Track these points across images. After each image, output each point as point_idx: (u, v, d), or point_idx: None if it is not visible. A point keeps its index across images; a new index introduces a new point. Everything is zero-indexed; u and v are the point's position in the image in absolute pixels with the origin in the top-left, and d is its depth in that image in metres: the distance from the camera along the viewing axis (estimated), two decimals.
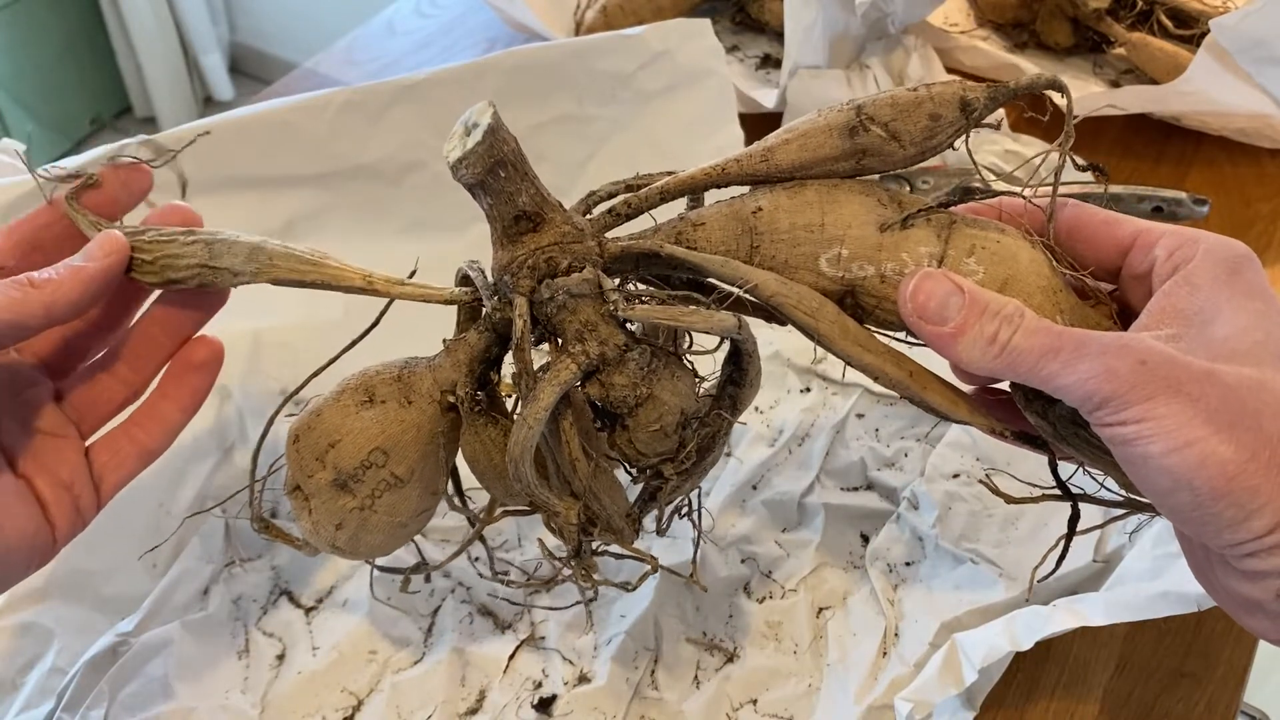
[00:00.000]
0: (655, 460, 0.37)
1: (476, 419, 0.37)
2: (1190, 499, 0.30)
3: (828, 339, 0.35)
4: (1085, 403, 0.31)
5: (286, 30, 2.23)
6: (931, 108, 0.35)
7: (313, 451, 0.37)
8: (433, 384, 0.37)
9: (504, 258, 0.36)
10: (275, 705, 0.47)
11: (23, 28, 1.97)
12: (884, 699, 0.46)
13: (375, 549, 0.39)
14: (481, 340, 0.37)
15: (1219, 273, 0.33)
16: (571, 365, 0.34)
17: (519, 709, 0.47)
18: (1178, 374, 0.31)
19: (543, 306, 0.35)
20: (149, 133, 0.57)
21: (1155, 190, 0.67)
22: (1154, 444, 0.30)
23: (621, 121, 0.66)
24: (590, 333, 0.34)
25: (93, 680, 0.46)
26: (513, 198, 0.35)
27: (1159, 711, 0.47)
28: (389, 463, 0.37)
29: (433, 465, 0.38)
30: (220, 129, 0.57)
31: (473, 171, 0.34)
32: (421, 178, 0.63)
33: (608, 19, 0.80)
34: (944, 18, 0.86)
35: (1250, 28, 0.66)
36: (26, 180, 0.53)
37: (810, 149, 0.36)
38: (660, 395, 0.35)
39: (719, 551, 0.52)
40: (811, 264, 0.35)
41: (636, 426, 0.35)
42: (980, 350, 0.33)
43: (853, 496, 0.55)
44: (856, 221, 0.36)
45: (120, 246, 0.38)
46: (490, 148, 0.34)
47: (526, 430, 0.34)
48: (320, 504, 0.37)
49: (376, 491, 0.37)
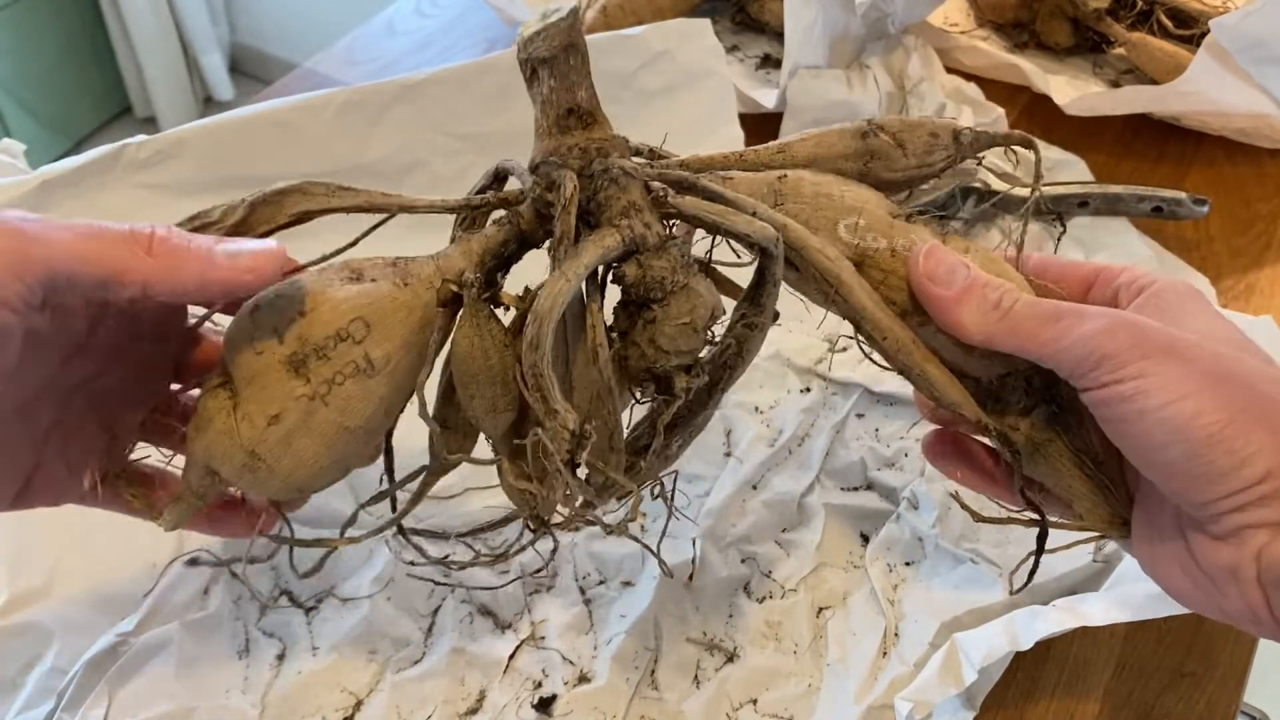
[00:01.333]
0: (673, 364, 0.35)
1: (481, 308, 0.35)
2: (1184, 450, 0.31)
3: (847, 288, 0.35)
4: (1083, 363, 0.33)
5: (286, 30, 2.23)
6: (931, 128, 0.39)
7: (273, 320, 0.33)
8: (435, 271, 0.35)
9: (551, 145, 0.35)
10: (275, 705, 0.47)
11: (23, 28, 1.97)
12: (884, 699, 0.46)
13: (301, 464, 0.34)
14: (499, 234, 0.36)
15: (1180, 293, 0.36)
16: (616, 235, 0.34)
17: (519, 709, 0.47)
18: (1171, 340, 0.33)
19: (591, 181, 0.34)
20: (149, 133, 0.57)
21: (1155, 190, 0.67)
22: (1151, 398, 0.32)
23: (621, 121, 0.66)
24: (636, 213, 0.34)
25: (93, 680, 0.46)
26: (574, 88, 0.35)
27: (1159, 711, 0.47)
28: (368, 339, 0.33)
29: (408, 365, 0.35)
30: (220, 129, 0.57)
31: (549, 45, 0.34)
32: (421, 178, 0.63)
33: (608, 19, 0.80)
34: (944, 18, 0.86)
35: (1250, 28, 0.66)
36: (27, 180, 0.53)
37: (825, 145, 0.39)
38: (695, 287, 0.35)
39: (719, 551, 0.52)
40: (830, 228, 0.37)
41: (665, 318, 0.34)
42: (984, 314, 0.35)
43: (853, 496, 0.55)
44: (871, 202, 0.37)
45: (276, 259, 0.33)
46: (572, 26, 0.34)
47: (563, 283, 0.32)
48: (257, 390, 0.33)
49: (339, 376, 0.33)
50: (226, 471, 0.34)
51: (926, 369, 0.36)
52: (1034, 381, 0.37)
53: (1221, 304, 0.65)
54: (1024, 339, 0.34)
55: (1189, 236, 0.70)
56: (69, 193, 0.54)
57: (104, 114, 2.21)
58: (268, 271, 0.33)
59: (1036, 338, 0.34)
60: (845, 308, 0.36)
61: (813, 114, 0.72)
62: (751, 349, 0.38)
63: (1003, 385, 0.37)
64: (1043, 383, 0.37)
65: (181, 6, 2.10)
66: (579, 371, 0.35)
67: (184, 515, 0.36)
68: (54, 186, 0.54)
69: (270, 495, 0.35)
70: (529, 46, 0.34)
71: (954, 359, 0.37)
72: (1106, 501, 0.37)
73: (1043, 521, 0.38)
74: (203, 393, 0.34)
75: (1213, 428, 0.31)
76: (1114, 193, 0.68)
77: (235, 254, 0.32)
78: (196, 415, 0.34)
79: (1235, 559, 0.32)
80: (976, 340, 0.35)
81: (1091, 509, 0.37)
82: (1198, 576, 0.34)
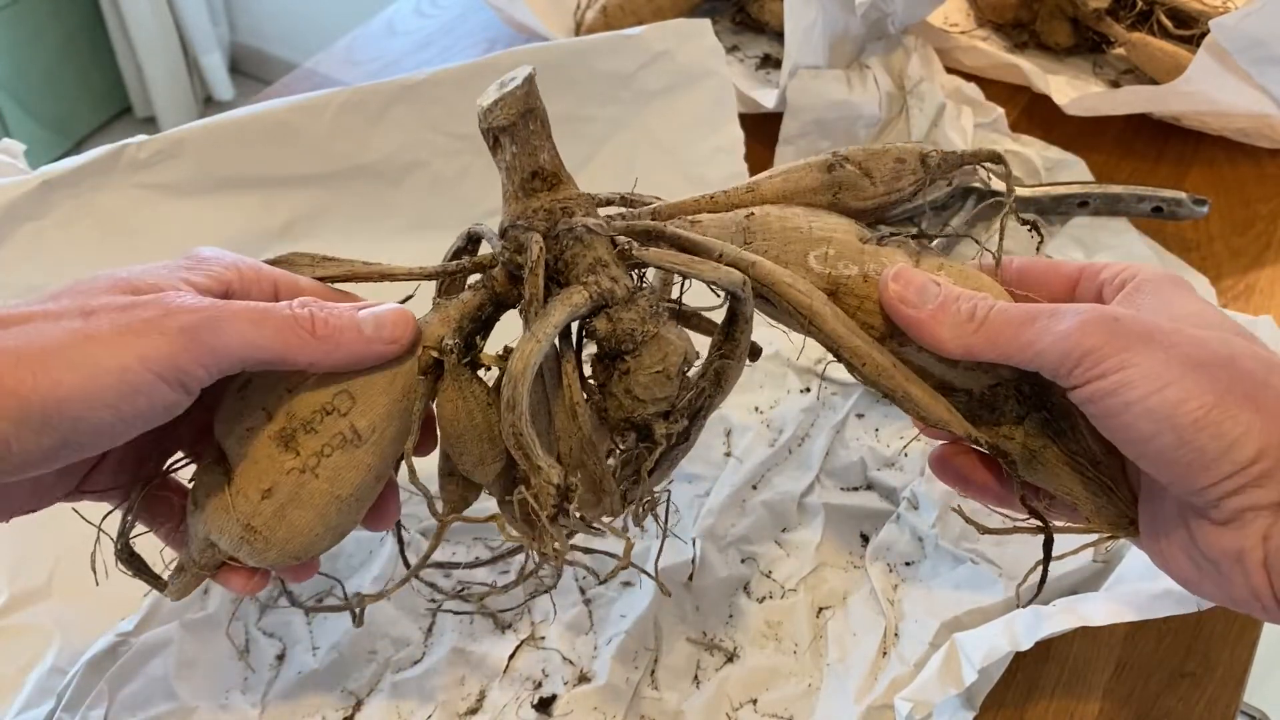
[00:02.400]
0: (651, 412, 0.36)
1: (463, 372, 0.36)
2: (1173, 438, 0.31)
3: (820, 317, 0.36)
4: (1063, 362, 0.33)
5: (286, 30, 2.23)
6: (897, 154, 0.39)
7: (264, 397, 0.34)
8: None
9: (518, 209, 0.36)
10: (275, 705, 0.47)
11: (23, 28, 1.96)
12: (884, 699, 0.46)
13: (296, 534, 0.35)
14: (475, 298, 0.37)
15: (1164, 283, 0.36)
16: (584, 292, 0.34)
17: (519, 709, 0.47)
18: (1149, 329, 0.33)
19: (556, 242, 0.35)
20: (149, 133, 0.57)
21: (1155, 190, 0.67)
22: (1134, 389, 0.32)
23: (621, 121, 0.66)
24: (602, 269, 0.35)
25: (93, 680, 0.46)
26: (536, 152, 0.36)
27: (1159, 711, 0.47)
28: (352, 410, 0.34)
29: (394, 431, 0.36)
30: (220, 129, 0.57)
31: (506, 113, 0.35)
32: (421, 178, 0.63)
33: (608, 19, 0.80)
34: (944, 18, 0.86)
35: (1250, 28, 0.66)
36: (27, 180, 0.53)
37: (792, 181, 0.39)
38: (666, 335, 0.35)
39: (719, 551, 0.52)
40: (801, 260, 0.37)
41: (639, 368, 0.35)
42: (960, 327, 0.35)
43: (853, 496, 0.55)
44: (840, 230, 0.38)
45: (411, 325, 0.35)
46: (528, 94, 0.35)
47: (534, 344, 0.33)
48: (249, 466, 0.34)
49: (327, 449, 0.34)
50: (224, 544, 0.35)
51: (909, 390, 0.36)
52: (1024, 389, 0.38)
53: (1221, 304, 0.65)
54: (1002, 346, 0.34)
55: (1189, 236, 0.70)
56: (69, 193, 0.54)
57: (104, 114, 2.21)
58: (406, 341, 0.35)
59: (1014, 343, 0.34)
60: (821, 337, 0.36)
61: (813, 114, 0.72)
62: (730, 379, 0.38)
63: (994, 395, 0.38)
64: (1033, 390, 0.38)
65: (181, 6, 2.10)
66: (560, 424, 0.36)
67: (189, 586, 0.38)
68: (54, 186, 0.54)
69: (268, 564, 0.36)
70: (489, 116, 0.35)
71: (941, 374, 0.37)
72: (1111, 502, 0.37)
73: (1047, 529, 0.38)
74: (198, 471, 0.36)
75: (1198, 412, 0.31)
76: (1114, 193, 0.68)
77: (379, 326, 0.34)
78: (193, 492, 0.36)
79: (1239, 544, 0.32)
80: (957, 354, 0.35)
81: (1096, 511, 0.37)
82: (1203, 564, 0.34)
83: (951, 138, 0.72)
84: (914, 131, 0.74)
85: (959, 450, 0.40)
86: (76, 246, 0.55)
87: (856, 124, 0.73)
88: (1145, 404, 0.32)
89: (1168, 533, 0.35)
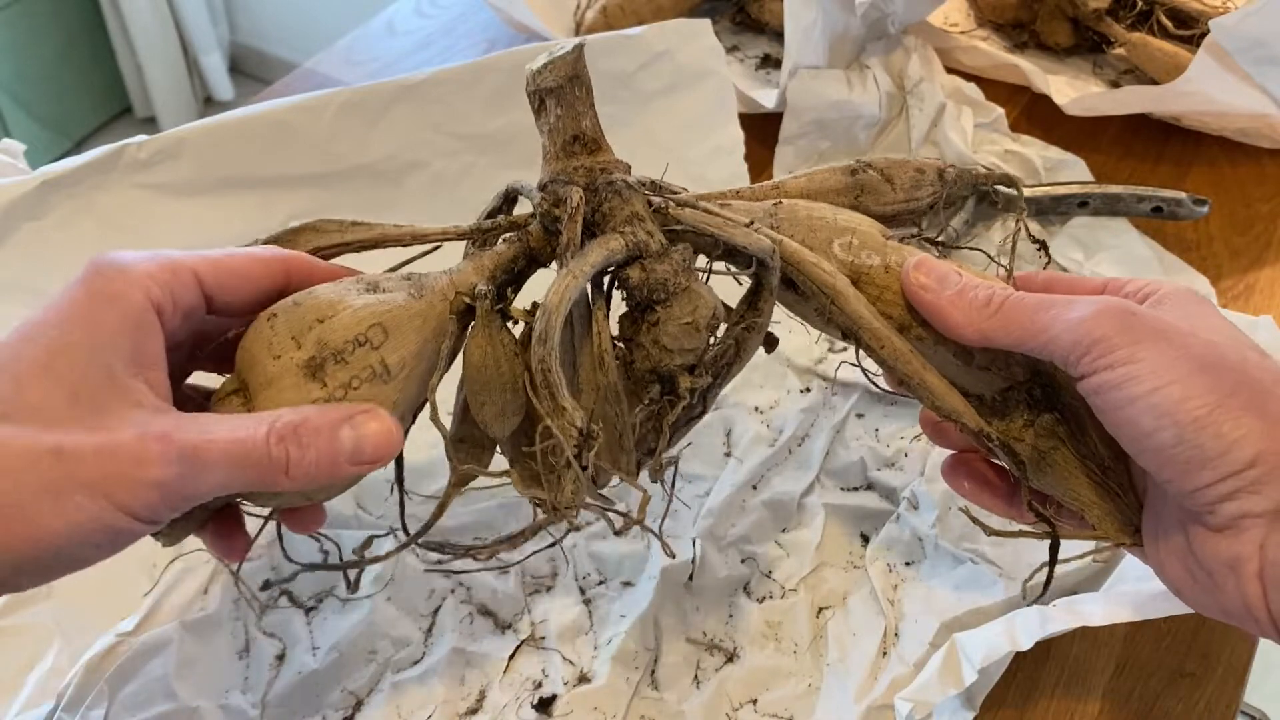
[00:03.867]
0: (677, 364, 0.36)
1: (494, 319, 0.36)
2: (1173, 435, 0.32)
3: (844, 297, 0.37)
4: (1074, 349, 0.33)
5: (286, 30, 2.23)
6: (917, 165, 0.41)
7: (292, 328, 0.34)
8: (448, 284, 0.36)
9: (558, 167, 0.37)
10: (275, 705, 0.47)
11: (23, 28, 1.96)
12: (884, 699, 0.46)
13: None
14: (510, 250, 0.37)
15: (1187, 298, 0.36)
16: (619, 239, 0.35)
17: (519, 709, 0.47)
18: (1163, 326, 0.33)
19: (595, 195, 0.36)
20: (149, 133, 0.57)
21: (1155, 190, 0.67)
22: (1140, 384, 0.32)
23: (621, 121, 0.66)
24: (638, 222, 0.36)
25: (93, 680, 0.46)
26: (579, 117, 0.37)
27: (1159, 711, 0.47)
28: (385, 344, 0.34)
29: (421, 373, 0.36)
30: (220, 129, 0.57)
31: (555, 76, 0.36)
32: (421, 178, 0.63)
33: (608, 19, 0.80)
34: (944, 18, 0.86)
35: (1250, 28, 0.66)
36: (27, 180, 0.53)
37: (817, 181, 0.41)
38: (697, 289, 0.36)
39: (719, 551, 0.52)
40: (826, 247, 0.38)
41: (669, 318, 0.36)
42: (977, 310, 0.35)
43: (853, 496, 0.55)
44: (864, 224, 0.39)
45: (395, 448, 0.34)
46: (576, 60, 0.36)
47: (570, 280, 0.33)
48: (272, 396, 0.33)
49: (355, 380, 0.33)
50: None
51: (925, 378, 0.37)
52: (1034, 393, 0.38)
53: (1221, 304, 0.65)
54: (1016, 331, 0.35)
55: (1189, 236, 0.70)
56: (69, 193, 0.54)
57: (104, 114, 2.21)
58: (387, 459, 0.34)
59: (1029, 328, 0.35)
60: (843, 319, 0.37)
61: (813, 114, 0.72)
62: (749, 349, 0.39)
63: (1005, 399, 0.38)
64: (1043, 393, 0.38)
65: (181, 6, 2.10)
66: (585, 375, 0.36)
67: (186, 530, 0.37)
68: (54, 186, 0.54)
69: (281, 503, 0.36)
70: (537, 78, 0.36)
71: (953, 375, 0.38)
72: (1117, 508, 0.37)
73: (1054, 533, 0.38)
74: (215, 401, 0.35)
75: (1199, 411, 0.31)
76: (1114, 193, 0.68)
77: (358, 454, 0.33)
78: None
79: (1234, 551, 0.32)
80: (972, 339, 0.36)
81: (1103, 517, 0.37)
82: (1198, 573, 0.34)
83: (951, 138, 0.72)
84: (914, 131, 0.74)
85: (969, 456, 0.40)
86: (76, 246, 0.55)
87: (856, 124, 0.73)
88: (1149, 399, 0.32)
89: (1166, 539, 0.35)
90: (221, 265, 0.35)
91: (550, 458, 0.34)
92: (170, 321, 0.33)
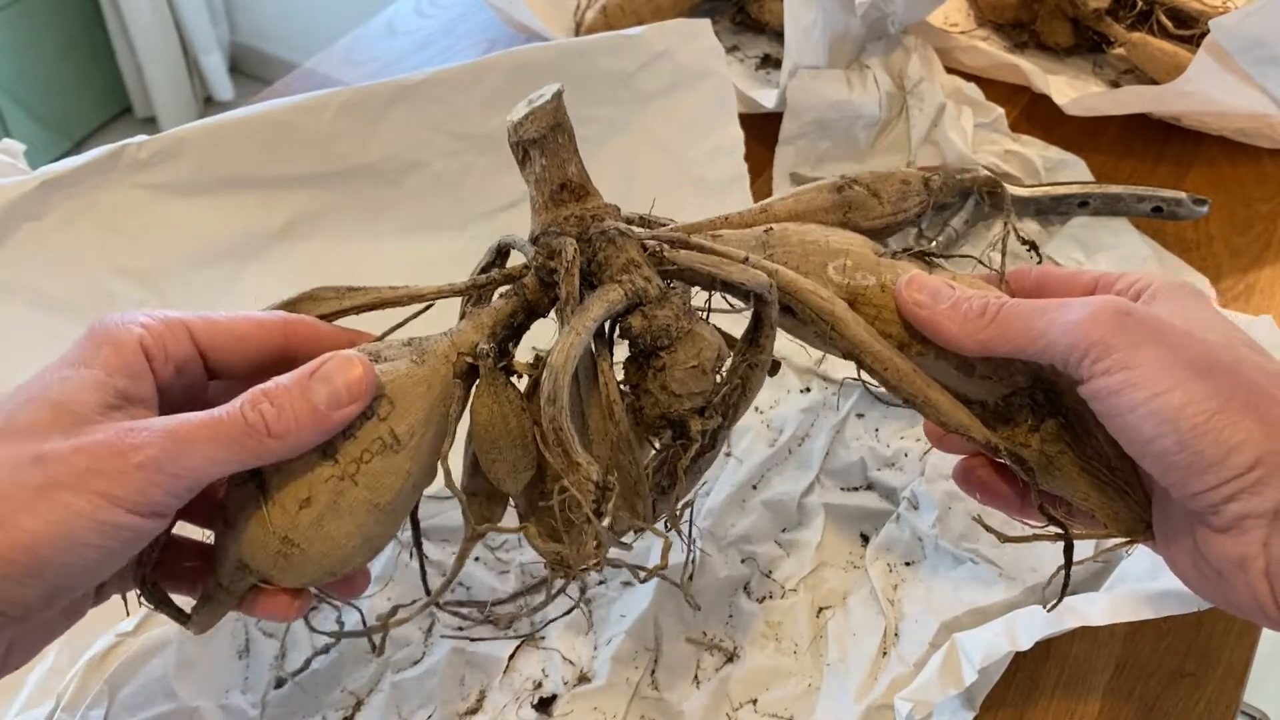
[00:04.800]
0: (687, 407, 0.36)
1: (498, 376, 0.36)
2: (1174, 441, 0.32)
3: (843, 323, 0.36)
4: (1072, 352, 0.33)
5: (286, 30, 2.23)
6: (903, 176, 0.41)
7: None
8: (449, 346, 0.36)
9: (549, 217, 0.37)
10: (275, 705, 0.47)
11: (23, 28, 1.96)
12: (884, 699, 0.46)
13: (334, 546, 0.34)
14: (508, 305, 0.37)
15: (1179, 291, 0.36)
16: (619, 289, 0.35)
17: (519, 709, 0.47)
18: (1160, 327, 0.33)
19: (589, 245, 0.36)
20: (149, 133, 0.57)
21: (1155, 190, 0.67)
22: (1139, 391, 0.32)
23: (621, 121, 0.66)
24: (635, 269, 0.36)
25: (93, 680, 0.46)
26: (564, 164, 0.37)
27: (1159, 711, 0.47)
28: (391, 415, 0.34)
29: (432, 437, 0.36)
30: (220, 129, 0.57)
31: (537, 126, 0.36)
32: (421, 178, 0.63)
33: (608, 19, 0.80)
34: (944, 18, 0.86)
35: (1250, 28, 0.66)
36: (27, 180, 0.53)
37: (804, 201, 0.40)
38: (700, 331, 0.36)
39: (719, 551, 0.52)
40: (820, 271, 0.38)
41: (674, 363, 0.35)
42: (973, 321, 0.35)
43: (853, 496, 0.55)
44: (856, 244, 0.39)
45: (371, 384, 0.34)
46: (557, 109, 0.36)
47: (574, 336, 0.33)
48: (286, 477, 0.34)
49: (365, 454, 0.34)
50: (259, 561, 0.34)
51: (930, 395, 0.37)
52: (1037, 397, 0.38)
53: (1221, 304, 0.65)
54: (1014, 338, 0.35)
55: (1189, 236, 0.70)
56: (69, 193, 0.54)
57: (104, 114, 2.21)
58: (367, 395, 0.34)
59: (1026, 334, 0.35)
60: (844, 344, 0.37)
61: (813, 114, 0.72)
62: (755, 384, 0.39)
63: (1008, 406, 0.38)
64: (1046, 397, 0.38)
65: (181, 6, 2.10)
66: (595, 426, 0.36)
67: (215, 616, 0.37)
68: (54, 186, 0.54)
69: (303, 582, 0.36)
70: (520, 130, 0.36)
71: (955, 385, 0.38)
72: (1127, 506, 0.37)
73: (1067, 535, 0.38)
74: (229, 488, 0.35)
75: (1199, 417, 0.31)
76: (1114, 193, 0.68)
77: (334, 397, 0.33)
78: (225, 511, 0.35)
79: (1240, 551, 0.32)
80: (971, 350, 0.36)
81: (1113, 516, 0.37)
82: (1207, 570, 0.34)
83: (951, 138, 0.72)
84: (914, 131, 0.74)
85: (980, 462, 0.41)
86: (76, 246, 0.55)
87: (856, 124, 0.73)
88: (1149, 406, 0.32)
89: (1176, 538, 0.35)
90: (218, 325, 0.35)
91: (568, 512, 0.34)
92: (162, 369, 0.34)
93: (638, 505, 0.37)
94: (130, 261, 0.56)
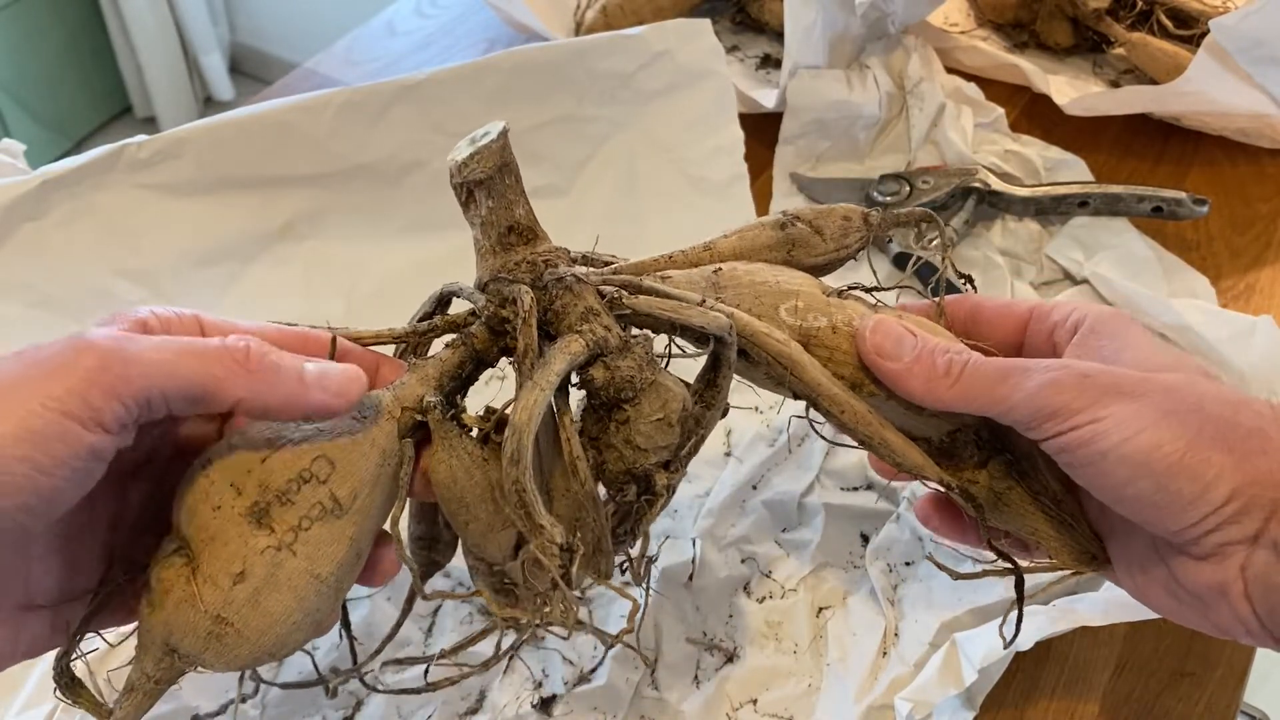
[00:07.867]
0: (652, 462, 0.35)
1: (450, 429, 0.34)
2: (1150, 483, 0.32)
3: (800, 366, 0.36)
4: (1035, 416, 0.34)
5: (286, 30, 2.23)
6: (844, 212, 0.41)
7: (228, 473, 0.31)
8: (393, 401, 0.34)
9: (497, 262, 0.35)
10: (275, 705, 0.47)
11: (23, 28, 1.97)
12: (884, 699, 0.46)
13: (272, 623, 0.31)
14: (455, 356, 0.35)
15: (1115, 322, 0.37)
16: (580, 340, 0.34)
17: (519, 709, 0.47)
18: (1118, 381, 0.33)
19: (545, 293, 0.35)
20: (149, 133, 0.57)
21: (1155, 190, 0.67)
22: (1109, 438, 0.32)
23: (621, 121, 0.66)
24: (594, 317, 0.34)
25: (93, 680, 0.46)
26: (511, 206, 0.35)
27: (1159, 711, 0.47)
28: (332, 477, 0.32)
29: (377, 500, 0.33)
30: (220, 129, 0.57)
31: (483, 167, 0.34)
32: (421, 178, 0.63)
33: (608, 19, 0.80)
34: (944, 18, 0.86)
35: (1250, 28, 0.66)
36: (27, 180, 0.53)
37: (748, 239, 0.40)
38: (664, 382, 0.35)
39: (719, 551, 0.52)
40: (773, 313, 0.37)
41: (639, 416, 0.34)
42: (935, 381, 0.36)
43: (853, 496, 0.55)
44: (806, 284, 0.38)
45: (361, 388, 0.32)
46: (503, 148, 0.35)
47: (537, 393, 0.32)
48: (218, 549, 0.30)
49: (305, 521, 0.31)
50: (189, 644, 0.31)
51: (886, 437, 0.37)
52: (982, 434, 0.38)
53: (1221, 304, 0.65)
54: (976, 400, 0.35)
55: (1189, 236, 0.70)
56: (69, 193, 0.54)
57: (104, 114, 2.21)
58: (353, 396, 0.32)
59: (988, 397, 0.35)
60: (800, 386, 0.36)
61: (813, 114, 0.72)
62: (710, 425, 0.38)
63: (954, 441, 0.38)
64: (991, 434, 0.38)
65: (181, 6, 2.10)
66: (556, 482, 0.35)
67: (141, 709, 0.32)
68: (54, 186, 0.54)
69: (239, 665, 0.32)
70: (464, 170, 0.34)
71: (903, 423, 0.38)
72: (1073, 538, 0.38)
73: (1016, 570, 0.38)
74: (154, 564, 0.32)
75: (1172, 456, 0.32)
76: (1114, 193, 0.68)
77: (323, 376, 0.32)
78: (149, 590, 0.31)
79: (1220, 577, 0.33)
80: (933, 406, 0.36)
81: (1059, 549, 0.38)
82: (1184, 597, 0.34)
83: (951, 138, 0.72)
84: (914, 131, 0.74)
85: (939, 498, 0.41)
86: (76, 246, 0.55)
87: (856, 124, 0.73)
88: (1119, 451, 0.32)
89: (1144, 569, 0.36)
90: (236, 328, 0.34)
91: (528, 576, 0.33)
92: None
93: (600, 564, 0.36)
94: (130, 261, 0.56)
